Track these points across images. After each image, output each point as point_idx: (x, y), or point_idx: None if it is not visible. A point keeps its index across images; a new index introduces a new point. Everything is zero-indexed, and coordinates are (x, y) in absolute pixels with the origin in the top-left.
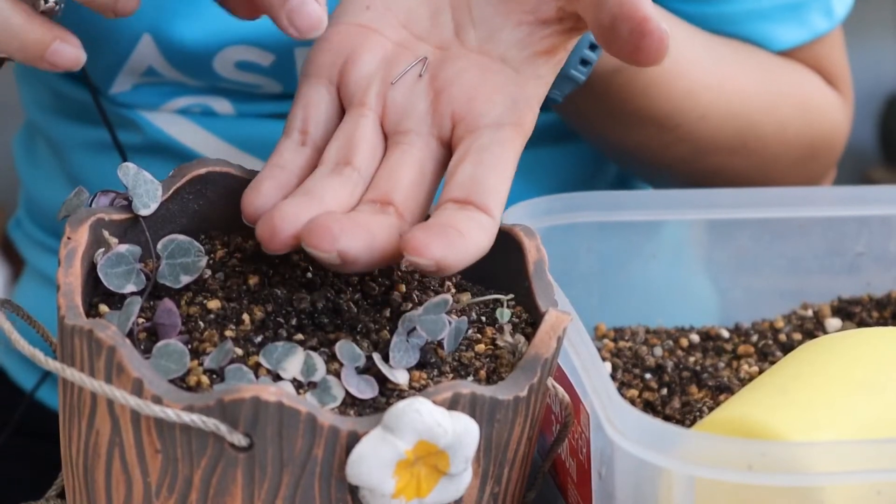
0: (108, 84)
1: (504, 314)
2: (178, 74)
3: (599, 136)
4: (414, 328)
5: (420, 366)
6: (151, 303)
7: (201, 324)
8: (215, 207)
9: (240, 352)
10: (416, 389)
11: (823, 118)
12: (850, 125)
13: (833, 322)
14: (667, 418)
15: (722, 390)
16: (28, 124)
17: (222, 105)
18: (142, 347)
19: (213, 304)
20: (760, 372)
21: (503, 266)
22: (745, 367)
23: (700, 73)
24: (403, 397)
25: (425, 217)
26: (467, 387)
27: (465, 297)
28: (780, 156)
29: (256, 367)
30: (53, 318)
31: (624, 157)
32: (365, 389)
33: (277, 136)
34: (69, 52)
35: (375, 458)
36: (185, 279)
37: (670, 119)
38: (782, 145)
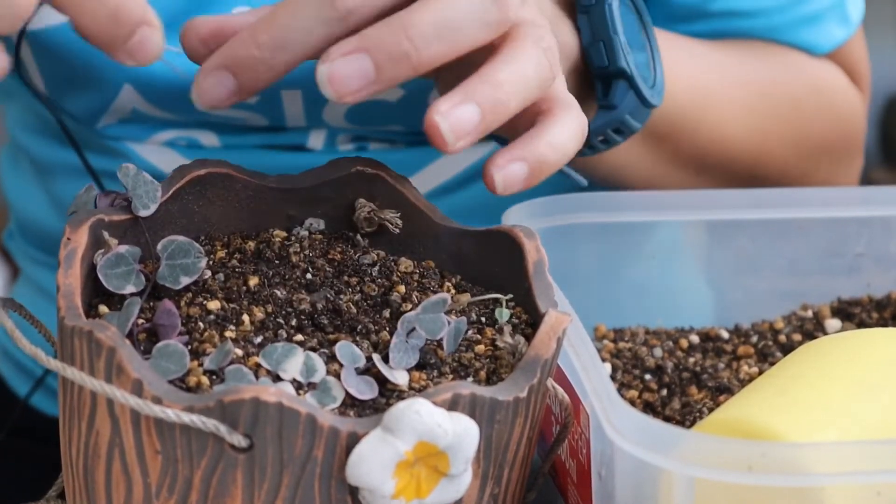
0: (94, 121)
1: (503, 314)
2: (164, 113)
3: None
4: (413, 329)
5: (420, 366)
6: (151, 304)
7: (201, 324)
8: (215, 208)
9: (240, 352)
10: (416, 390)
11: (835, 96)
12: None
13: (833, 323)
14: (667, 419)
15: (722, 391)
16: (12, 143)
17: (208, 138)
18: (141, 348)
19: (213, 305)
20: (760, 373)
21: (503, 267)
22: (745, 367)
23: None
24: (403, 398)
25: None
26: (467, 388)
27: (465, 298)
28: (803, 128)
29: (256, 368)
30: (48, 326)
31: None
32: (365, 390)
33: (264, 167)
34: None
35: (375, 459)
36: (185, 280)
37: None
38: (801, 119)
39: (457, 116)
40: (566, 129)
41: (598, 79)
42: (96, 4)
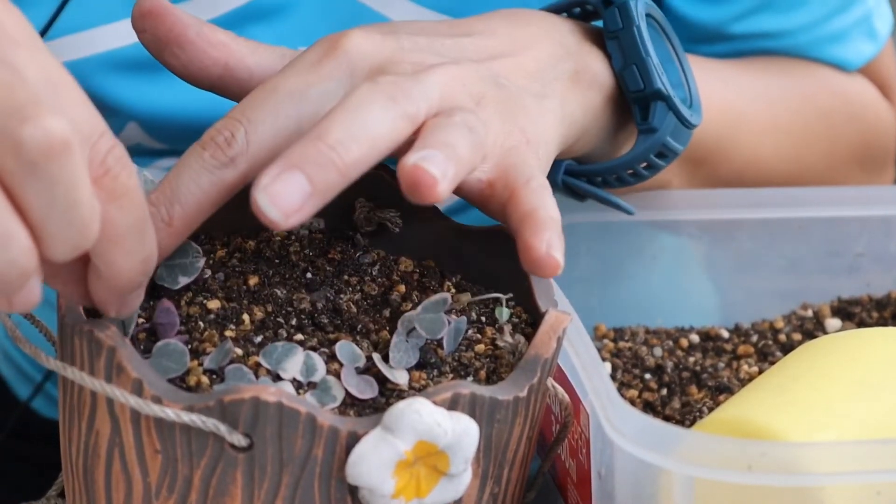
0: None
1: (503, 313)
2: (166, 145)
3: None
4: (413, 328)
5: (420, 366)
6: (151, 303)
7: (201, 324)
8: None
9: (240, 352)
10: (416, 390)
11: (865, 108)
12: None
13: (833, 322)
14: (666, 419)
15: (722, 390)
16: None
17: None
18: (141, 348)
19: (213, 305)
20: (760, 372)
21: (503, 266)
22: (745, 367)
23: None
24: (403, 397)
25: None
26: (467, 387)
27: (465, 297)
28: (834, 142)
29: (256, 368)
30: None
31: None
32: (365, 389)
33: None
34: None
35: (375, 459)
36: (183, 280)
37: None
38: (831, 135)
39: (279, 190)
40: (547, 201)
41: (634, 103)
42: (136, 247)
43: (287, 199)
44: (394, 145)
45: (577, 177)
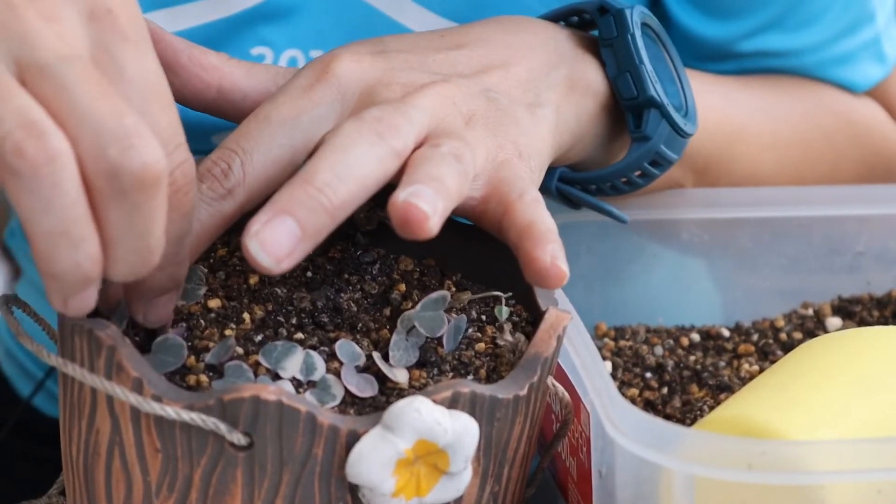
0: None
1: (503, 312)
2: None
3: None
4: (413, 327)
5: (420, 364)
6: None
7: (202, 322)
8: None
9: (240, 350)
10: (416, 388)
11: (871, 128)
12: None
13: (833, 321)
14: (667, 417)
15: (722, 389)
16: None
17: None
18: (137, 339)
19: (214, 303)
20: (761, 371)
21: (503, 265)
22: (746, 366)
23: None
24: (403, 396)
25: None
26: (467, 385)
27: (465, 296)
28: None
29: (256, 367)
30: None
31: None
32: (365, 388)
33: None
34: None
35: (375, 457)
36: (181, 303)
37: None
38: (836, 153)
39: (269, 237)
40: (543, 213)
41: (628, 111)
42: (172, 257)
43: (277, 245)
44: (383, 182)
45: (571, 184)
